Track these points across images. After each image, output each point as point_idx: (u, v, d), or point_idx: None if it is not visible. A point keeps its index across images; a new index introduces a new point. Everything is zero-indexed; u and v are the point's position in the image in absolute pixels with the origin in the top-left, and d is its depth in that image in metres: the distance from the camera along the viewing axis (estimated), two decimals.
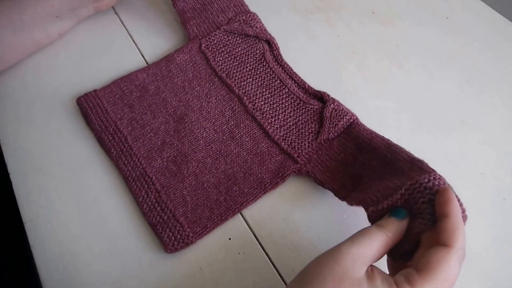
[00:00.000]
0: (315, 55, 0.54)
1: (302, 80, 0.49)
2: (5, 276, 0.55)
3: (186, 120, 0.46)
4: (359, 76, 0.53)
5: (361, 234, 0.31)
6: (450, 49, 0.56)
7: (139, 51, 0.53)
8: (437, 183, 0.32)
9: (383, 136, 0.41)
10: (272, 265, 0.39)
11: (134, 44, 0.53)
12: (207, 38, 0.52)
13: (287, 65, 0.51)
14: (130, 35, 0.54)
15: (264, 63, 0.51)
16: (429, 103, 0.51)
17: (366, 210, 0.36)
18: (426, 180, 0.32)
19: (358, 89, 0.51)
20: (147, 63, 0.51)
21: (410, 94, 0.52)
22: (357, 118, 0.44)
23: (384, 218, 0.33)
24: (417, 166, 0.35)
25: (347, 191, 0.40)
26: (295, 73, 0.50)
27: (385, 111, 0.50)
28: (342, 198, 0.40)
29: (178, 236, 0.38)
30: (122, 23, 0.56)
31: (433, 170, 0.34)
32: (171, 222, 0.39)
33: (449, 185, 0.32)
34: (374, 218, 0.35)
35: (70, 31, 0.52)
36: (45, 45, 0.51)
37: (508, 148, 0.48)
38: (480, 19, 0.60)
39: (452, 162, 0.46)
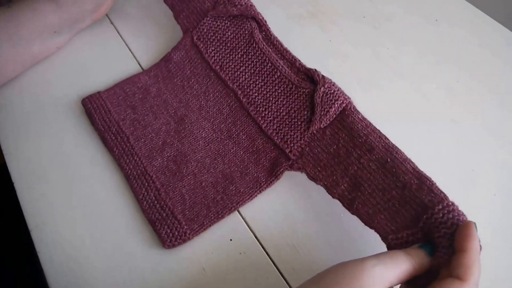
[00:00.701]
0: (307, 60, 0.54)
1: (293, 56, 0.48)
2: (12, 280, 0.56)
3: (186, 121, 0.47)
4: (352, 80, 0.53)
5: (388, 256, 0.31)
6: (439, 50, 0.58)
7: (136, 59, 0.53)
8: (451, 216, 0.33)
9: (380, 131, 0.40)
10: (273, 264, 0.39)
11: (130, 52, 0.54)
12: (197, 29, 0.52)
13: (277, 41, 0.49)
14: (125, 43, 0.55)
15: (254, 45, 0.49)
16: (420, 103, 0.52)
17: (384, 237, 0.36)
18: (441, 215, 0.33)
19: (351, 92, 0.51)
20: (143, 70, 0.52)
21: (401, 95, 0.53)
22: (350, 102, 0.42)
23: (413, 247, 0.33)
24: (426, 186, 0.35)
25: (341, 191, 0.39)
26: (285, 49, 0.48)
27: (377, 112, 0.50)
28: (335, 196, 0.40)
29: (176, 233, 0.39)
30: (117, 32, 0.56)
31: (445, 196, 0.34)
32: (169, 219, 0.40)
33: (467, 218, 0.33)
34: (393, 246, 0.35)
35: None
36: (44, 58, 0.51)
37: (497, 145, 0.49)
38: (468, 21, 0.62)
39: (443, 160, 0.47)
